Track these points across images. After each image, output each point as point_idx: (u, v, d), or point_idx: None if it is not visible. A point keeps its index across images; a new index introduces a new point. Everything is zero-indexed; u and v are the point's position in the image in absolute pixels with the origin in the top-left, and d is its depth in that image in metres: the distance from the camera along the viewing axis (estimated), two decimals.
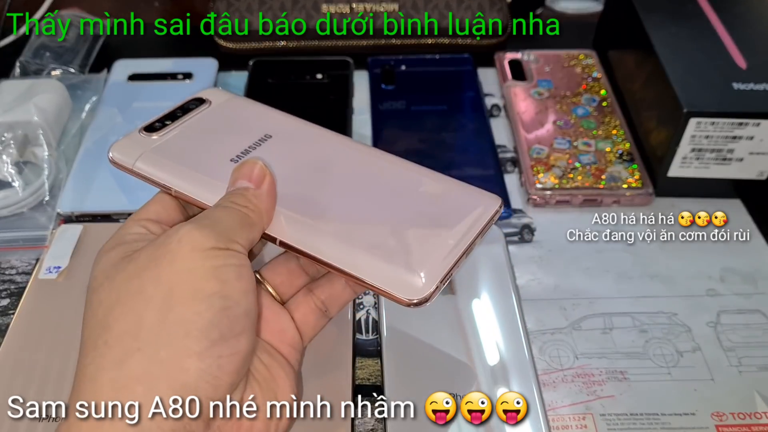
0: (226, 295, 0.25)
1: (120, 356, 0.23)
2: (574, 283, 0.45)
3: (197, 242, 0.25)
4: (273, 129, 0.33)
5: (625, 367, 0.40)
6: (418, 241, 0.28)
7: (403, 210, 0.30)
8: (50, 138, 0.50)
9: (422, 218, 0.29)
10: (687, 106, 0.45)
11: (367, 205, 0.30)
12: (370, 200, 0.30)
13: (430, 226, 0.29)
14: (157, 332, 0.23)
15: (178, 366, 0.23)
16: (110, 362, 0.23)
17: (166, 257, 0.25)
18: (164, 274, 0.24)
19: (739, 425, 0.37)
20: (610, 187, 0.49)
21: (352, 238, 0.28)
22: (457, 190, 0.31)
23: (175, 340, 0.23)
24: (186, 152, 0.32)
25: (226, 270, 0.25)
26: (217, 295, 0.24)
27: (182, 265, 0.25)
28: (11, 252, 0.46)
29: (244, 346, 0.25)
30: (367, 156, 0.32)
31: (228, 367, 0.24)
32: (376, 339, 0.41)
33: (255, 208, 0.28)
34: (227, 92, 0.36)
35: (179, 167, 0.31)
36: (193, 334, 0.24)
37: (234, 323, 0.25)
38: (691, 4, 0.53)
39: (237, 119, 0.34)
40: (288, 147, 0.32)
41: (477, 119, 0.55)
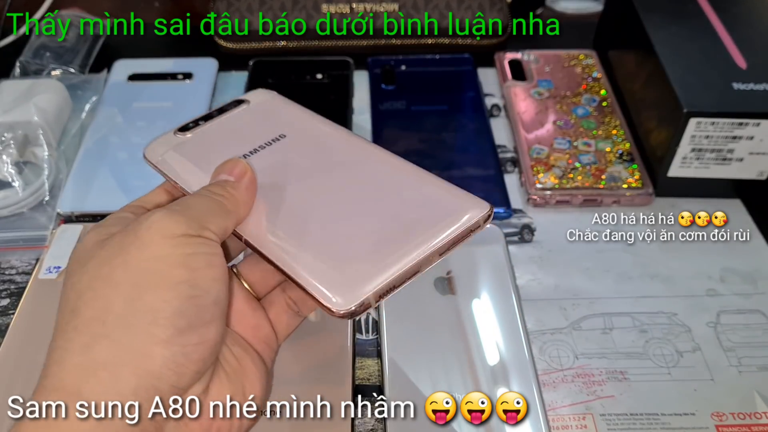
0: (195, 283, 0.25)
1: (87, 341, 0.24)
2: (574, 283, 0.45)
3: (167, 229, 0.25)
4: (289, 129, 0.33)
5: (625, 367, 0.40)
6: (371, 248, 0.27)
7: (374, 214, 0.28)
8: (50, 138, 0.50)
9: (390, 223, 0.28)
10: (687, 106, 0.45)
11: (340, 208, 0.29)
12: (346, 204, 0.29)
13: (393, 232, 0.27)
14: (124, 319, 0.24)
15: (143, 353, 0.23)
16: (77, 347, 0.24)
17: (135, 243, 0.25)
18: (133, 261, 0.25)
19: (739, 425, 0.37)
20: (610, 187, 0.49)
21: (301, 239, 0.28)
22: (441, 194, 0.29)
23: (141, 327, 0.23)
24: (200, 151, 0.32)
25: (196, 258, 0.25)
26: (185, 283, 0.24)
27: (151, 251, 0.25)
28: (11, 252, 0.46)
29: (213, 335, 0.25)
30: (367, 160, 0.32)
31: (194, 356, 0.24)
32: (376, 339, 0.41)
33: (231, 197, 0.28)
34: (270, 93, 0.36)
35: (188, 165, 0.32)
36: (160, 322, 0.24)
37: (202, 312, 0.25)
38: (691, 4, 0.53)
39: (261, 119, 0.34)
40: (293, 148, 0.32)
41: (477, 119, 0.55)
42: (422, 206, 0.28)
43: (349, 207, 0.29)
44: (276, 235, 0.28)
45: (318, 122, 0.34)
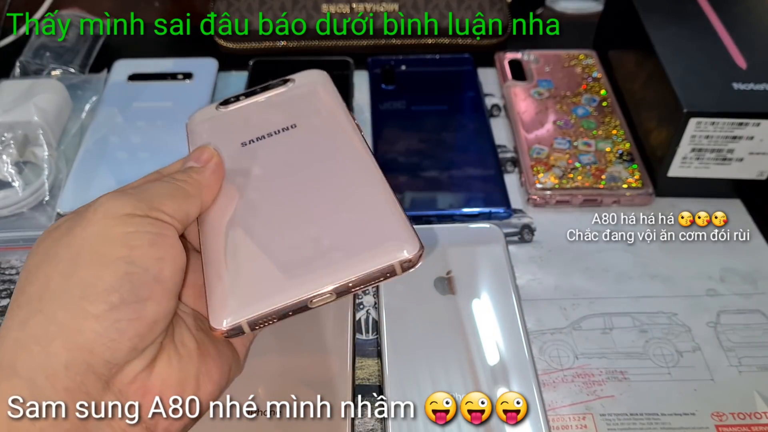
0: (132, 260, 0.25)
1: (24, 317, 0.24)
2: (574, 283, 0.45)
3: (112, 209, 0.26)
4: (303, 121, 0.33)
5: (625, 367, 0.40)
6: (274, 271, 0.26)
7: (302, 233, 0.27)
8: (50, 138, 0.50)
9: (308, 246, 0.26)
10: (687, 106, 0.45)
11: (279, 219, 0.28)
12: (286, 216, 0.28)
13: (305, 257, 0.26)
14: (59, 294, 0.24)
15: (74, 327, 0.24)
16: (17, 323, 0.24)
17: (81, 223, 0.26)
18: (75, 240, 0.25)
19: (739, 425, 0.37)
20: (610, 187, 0.49)
21: (230, 244, 0.27)
22: (372, 224, 0.27)
23: (73, 302, 0.24)
24: (222, 128, 0.33)
25: (138, 236, 0.25)
26: (122, 260, 0.25)
27: (93, 230, 0.25)
28: (11, 252, 0.46)
29: (150, 312, 0.25)
30: (335, 169, 0.30)
31: (129, 332, 0.24)
32: (376, 339, 0.41)
33: (194, 182, 0.29)
34: (319, 76, 0.36)
35: (204, 139, 0.32)
36: (91, 297, 0.24)
37: (138, 288, 0.25)
38: (691, 4, 0.53)
39: (288, 104, 0.34)
40: (289, 142, 0.32)
41: (477, 119, 0.55)
42: (347, 234, 0.27)
43: (286, 220, 0.28)
44: (213, 232, 0.28)
45: (331, 119, 0.33)
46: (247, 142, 0.32)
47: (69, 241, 0.25)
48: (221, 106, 0.34)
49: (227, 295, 0.26)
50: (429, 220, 0.47)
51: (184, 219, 0.28)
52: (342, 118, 0.33)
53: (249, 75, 0.59)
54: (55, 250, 0.25)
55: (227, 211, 0.29)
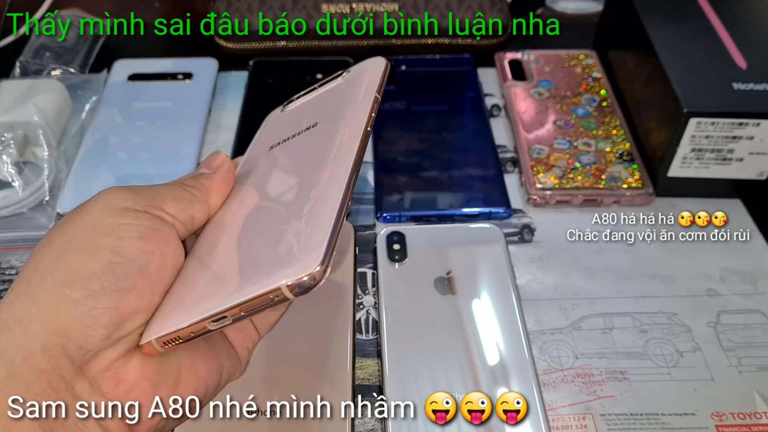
0: (119, 251, 0.25)
1: (12, 298, 0.25)
2: (574, 283, 0.45)
3: (111, 201, 0.26)
4: (324, 120, 0.31)
5: (625, 367, 0.40)
6: (201, 290, 0.25)
7: (241, 247, 0.26)
8: (50, 138, 0.50)
9: (232, 263, 0.25)
10: (687, 106, 0.45)
11: (243, 229, 0.27)
12: (245, 227, 0.27)
13: (225, 275, 0.25)
14: (44, 278, 0.25)
15: (52, 310, 0.24)
16: (5, 304, 0.25)
17: (81, 213, 0.26)
18: (71, 228, 0.26)
19: (739, 425, 0.37)
20: (610, 187, 0.49)
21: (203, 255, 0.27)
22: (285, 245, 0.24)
23: (56, 286, 0.24)
24: (268, 131, 0.33)
25: (129, 228, 0.26)
26: (108, 249, 0.25)
27: (88, 219, 0.26)
28: (11, 252, 0.46)
29: (129, 303, 0.25)
30: (313, 180, 0.27)
31: (103, 320, 0.24)
32: (376, 339, 0.41)
33: (202, 187, 0.29)
34: (375, 64, 0.35)
35: (255, 145, 0.33)
36: (73, 283, 0.24)
37: (121, 278, 0.25)
38: (691, 4, 0.53)
39: (323, 101, 0.33)
40: (298, 145, 0.31)
41: (477, 119, 0.55)
42: (260, 255, 0.25)
43: (237, 236, 0.27)
44: (202, 240, 0.28)
45: (343, 120, 0.30)
46: (275, 146, 0.31)
47: (65, 229, 0.26)
48: (286, 104, 0.34)
49: (160, 312, 0.26)
50: (429, 220, 0.47)
51: (188, 222, 0.28)
52: (354, 118, 0.30)
53: (249, 75, 0.59)
54: (51, 237, 0.26)
55: (213, 222, 0.29)
